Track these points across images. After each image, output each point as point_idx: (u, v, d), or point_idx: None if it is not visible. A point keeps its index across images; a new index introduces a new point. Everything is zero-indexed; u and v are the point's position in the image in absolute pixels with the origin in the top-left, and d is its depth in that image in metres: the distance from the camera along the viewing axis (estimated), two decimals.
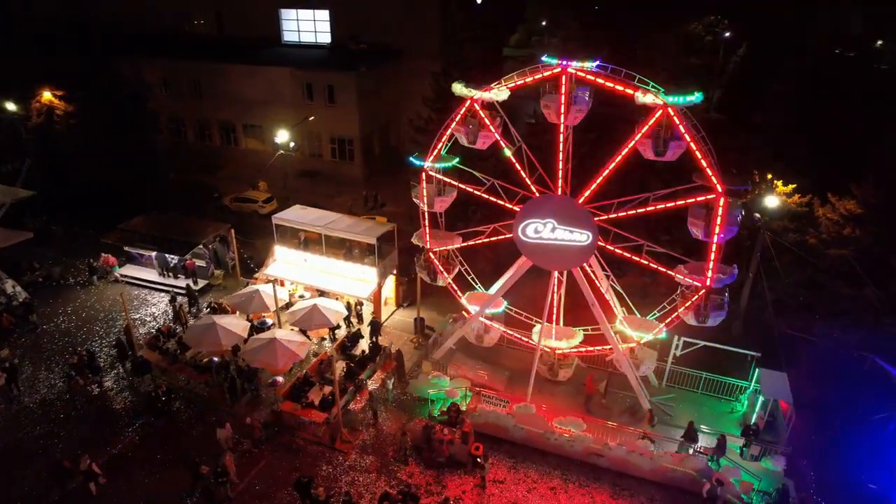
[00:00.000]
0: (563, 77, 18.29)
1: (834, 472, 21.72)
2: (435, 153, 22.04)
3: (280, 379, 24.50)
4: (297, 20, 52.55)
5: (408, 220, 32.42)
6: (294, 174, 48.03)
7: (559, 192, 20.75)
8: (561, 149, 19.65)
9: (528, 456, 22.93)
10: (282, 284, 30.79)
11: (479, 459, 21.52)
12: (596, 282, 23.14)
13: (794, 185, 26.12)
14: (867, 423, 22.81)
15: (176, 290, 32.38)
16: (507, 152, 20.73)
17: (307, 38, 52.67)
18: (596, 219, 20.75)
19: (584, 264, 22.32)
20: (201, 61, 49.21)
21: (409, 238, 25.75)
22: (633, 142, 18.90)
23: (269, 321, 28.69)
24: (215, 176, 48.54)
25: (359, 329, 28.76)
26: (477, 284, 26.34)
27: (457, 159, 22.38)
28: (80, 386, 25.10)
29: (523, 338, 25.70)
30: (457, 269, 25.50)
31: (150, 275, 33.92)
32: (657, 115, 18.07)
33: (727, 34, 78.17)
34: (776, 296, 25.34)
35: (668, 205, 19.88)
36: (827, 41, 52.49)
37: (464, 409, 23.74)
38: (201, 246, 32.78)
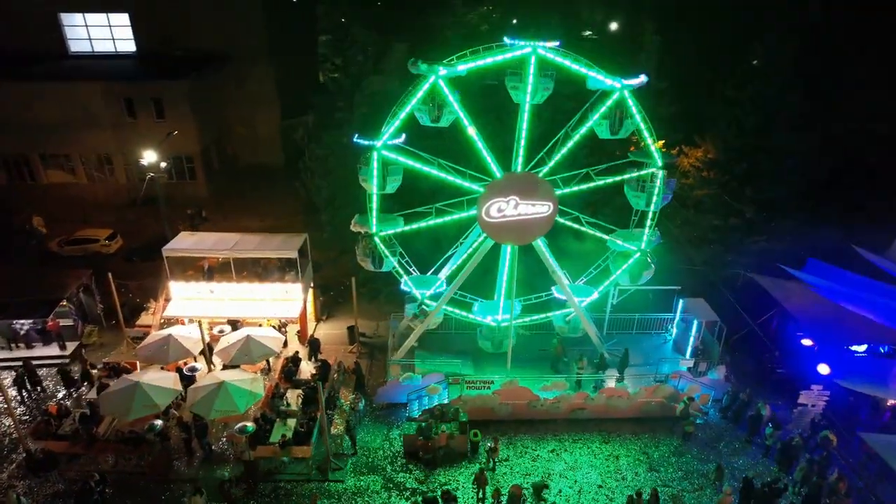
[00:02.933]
0: (533, 58, 19.01)
1: (749, 368, 26.33)
2: (388, 133, 20.82)
3: (250, 424, 21.45)
4: (87, 26, 44.87)
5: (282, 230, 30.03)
6: (122, 204, 41.54)
7: (520, 169, 21.51)
8: (524, 127, 20.39)
9: (517, 429, 23.60)
10: (182, 323, 26.71)
11: (489, 444, 21.64)
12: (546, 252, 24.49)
13: (662, 141, 30.52)
14: (756, 324, 27.88)
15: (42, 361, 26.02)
16: (471, 129, 20.65)
17: (103, 46, 45.32)
18: None
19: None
20: None
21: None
22: (591, 122, 20.54)
23: (199, 366, 24.79)
24: (12, 219, 39.35)
25: (296, 352, 26.35)
26: (412, 267, 25.70)
27: (403, 135, 21.43)
28: None
29: (469, 315, 25.93)
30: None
31: None
32: (615, 96, 19.89)
33: (514, 21, 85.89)
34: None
35: (618, 178, 22.13)
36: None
37: (446, 401, 23.50)
38: (64, 302, 26.79)
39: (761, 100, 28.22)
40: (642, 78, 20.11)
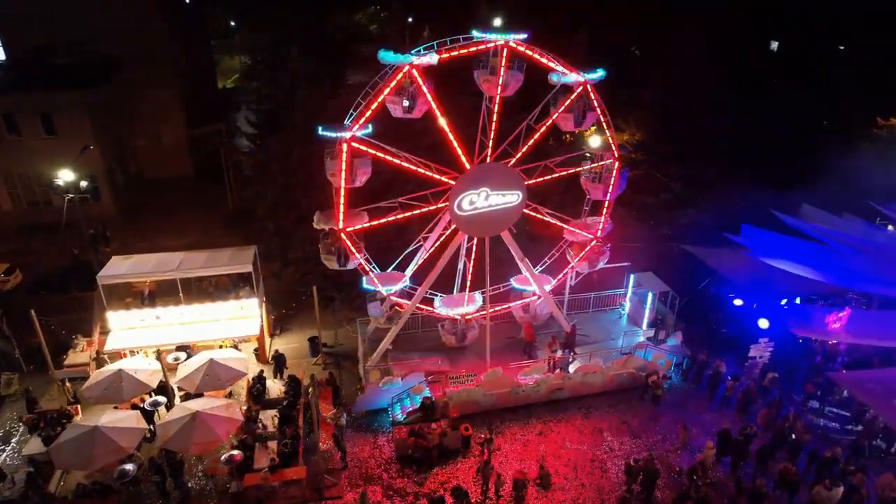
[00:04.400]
0: (505, 50, 19.20)
1: (697, 332, 28.34)
2: (361, 123, 19.89)
3: (237, 453, 19.80)
4: None
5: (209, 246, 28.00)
6: (8, 233, 36.76)
7: (489, 160, 21.67)
8: (494, 119, 20.58)
9: (502, 417, 23.82)
10: (124, 356, 24.22)
11: (484, 434, 21.70)
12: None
13: (593, 127, 32.16)
14: (697, 291, 30.11)
15: None
16: (442, 121, 20.43)
17: None
18: None
19: None
20: None
21: None
22: (556, 114, 21.21)
23: (161, 399, 22.50)
24: None
25: (261, 371, 24.75)
26: (372, 264, 24.97)
27: (370, 127, 20.74)
28: None
29: (432, 310, 25.72)
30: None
31: None
32: (578, 90, 20.61)
33: (410, 19, 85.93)
34: None
35: (578, 169, 23.42)
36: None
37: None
38: None
39: (683, 85, 30.55)
40: (601, 73, 21.09)
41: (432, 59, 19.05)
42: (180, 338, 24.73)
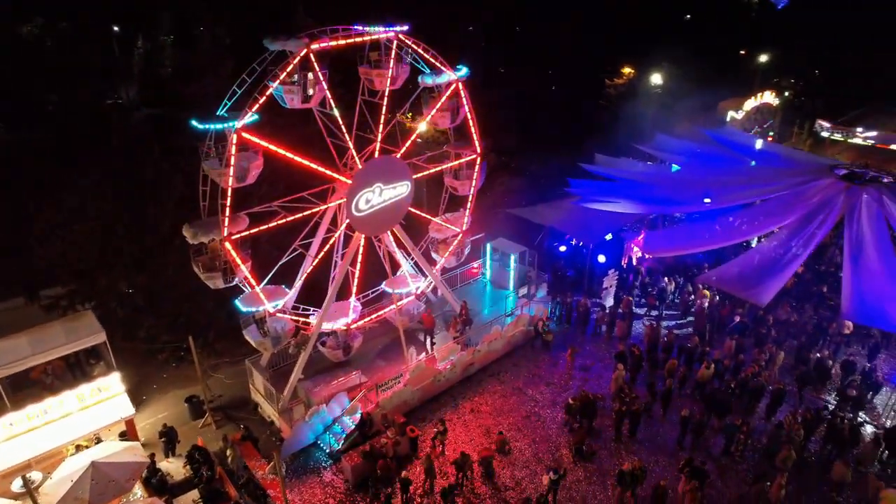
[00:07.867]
0: (395, 42, 18.42)
1: (549, 280, 31.72)
2: (249, 114, 17.24)
3: None
4: None
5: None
6: None
7: (377, 154, 20.85)
8: (383, 112, 19.79)
9: (430, 408, 23.74)
10: None
11: (437, 427, 21.43)
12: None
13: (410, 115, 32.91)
14: (536, 247, 33.51)
15: None
16: (335, 111, 18.81)
17: None
18: None
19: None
20: None
21: None
22: (434, 110, 21.54)
23: None
24: None
25: (150, 455, 20.05)
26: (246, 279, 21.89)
27: (256, 115, 17.96)
28: None
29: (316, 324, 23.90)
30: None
31: None
32: (452, 87, 21.05)
33: (115, 29, 73.81)
34: None
35: (444, 167, 24.29)
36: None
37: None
38: None
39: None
40: (465, 70, 21.98)
41: (330, 45, 17.51)
42: (18, 456, 18.51)
